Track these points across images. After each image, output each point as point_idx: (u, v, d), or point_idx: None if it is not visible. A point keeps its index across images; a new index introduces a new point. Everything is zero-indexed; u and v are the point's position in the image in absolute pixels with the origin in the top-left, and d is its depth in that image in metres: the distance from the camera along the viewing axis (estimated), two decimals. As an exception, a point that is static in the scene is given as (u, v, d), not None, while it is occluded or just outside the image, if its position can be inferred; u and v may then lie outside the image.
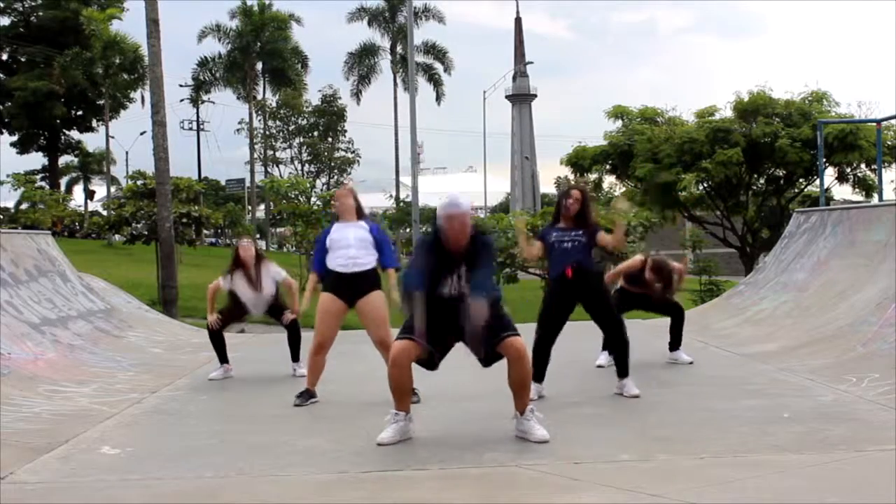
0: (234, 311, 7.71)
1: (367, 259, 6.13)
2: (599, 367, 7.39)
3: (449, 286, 4.81)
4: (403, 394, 4.91)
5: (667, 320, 7.80)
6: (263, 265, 7.53)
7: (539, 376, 6.01)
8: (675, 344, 7.69)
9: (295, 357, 7.61)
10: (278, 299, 7.67)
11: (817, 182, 20.14)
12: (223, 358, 7.59)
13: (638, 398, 5.99)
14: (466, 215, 4.83)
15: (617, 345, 6.21)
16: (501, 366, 4.89)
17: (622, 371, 6.17)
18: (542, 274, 6.45)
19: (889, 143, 22.85)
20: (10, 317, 7.53)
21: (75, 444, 5.01)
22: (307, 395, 6.21)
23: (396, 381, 4.84)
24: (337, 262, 6.13)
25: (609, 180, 28.42)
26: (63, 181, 58.12)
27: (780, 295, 9.86)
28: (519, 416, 4.87)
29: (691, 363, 7.51)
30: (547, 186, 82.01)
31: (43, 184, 49.61)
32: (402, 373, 4.83)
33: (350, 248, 6.11)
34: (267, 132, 46.17)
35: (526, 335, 5.95)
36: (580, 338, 8.34)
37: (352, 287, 6.09)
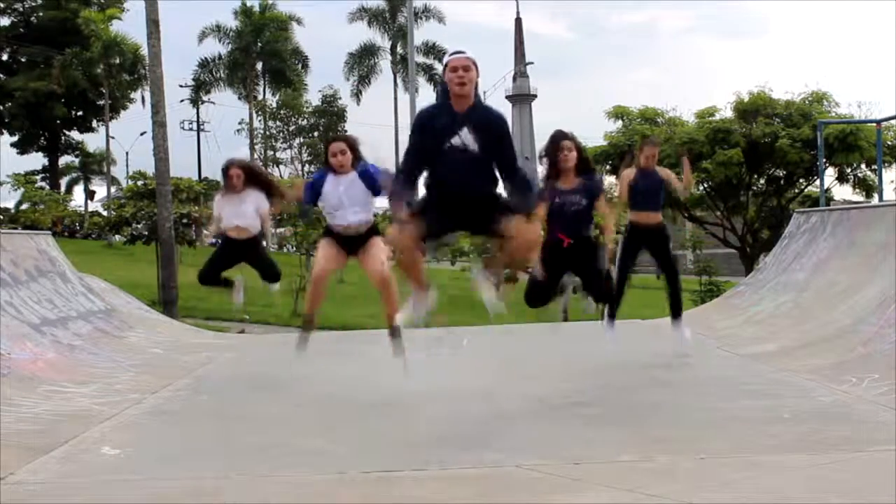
0: (223, 254, 7.75)
1: (363, 217, 6.35)
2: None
3: (454, 143, 4.79)
4: (416, 271, 4.95)
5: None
6: (251, 188, 7.69)
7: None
8: (675, 312, 7.64)
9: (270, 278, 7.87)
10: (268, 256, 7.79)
11: (817, 182, 20.15)
12: (226, 282, 7.68)
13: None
14: (471, 62, 4.81)
15: (603, 299, 6.33)
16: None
17: (611, 313, 6.33)
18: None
19: (889, 143, 22.88)
20: (10, 317, 7.52)
21: (75, 444, 5.01)
22: (309, 324, 6.48)
23: (405, 265, 4.92)
24: (334, 221, 6.38)
25: (609, 180, 28.45)
26: (63, 181, 58.08)
27: (780, 295, 9.85)
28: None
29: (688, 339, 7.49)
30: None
31: (43, 184, 49.56)
32: (409, 255, 4.89)
33: (345, 209, 6.30)
34: (267, 132, 46.14)
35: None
36: (580, 338, 8.35)
37: (352, 242, 6.38)
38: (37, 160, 54.58)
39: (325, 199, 6.38)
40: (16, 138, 50.73)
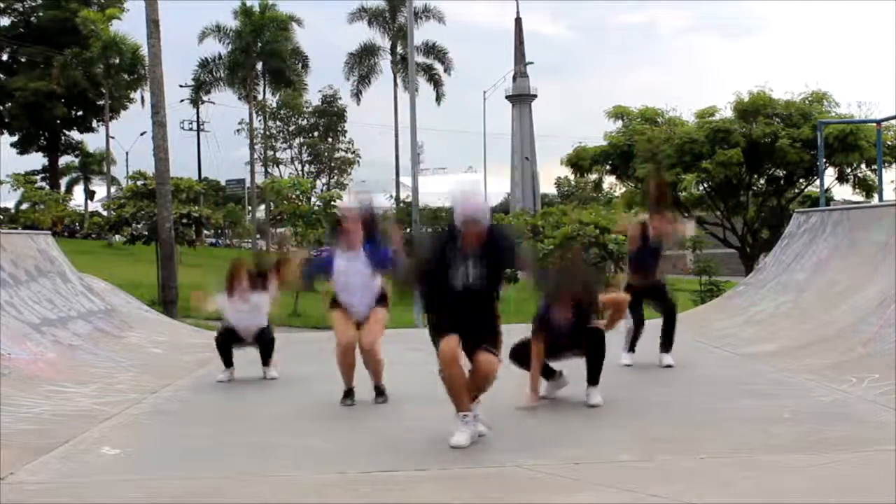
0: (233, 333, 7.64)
1: (367, 303, 6.19)
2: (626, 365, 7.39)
3: (459, 278, 4.77)
4: (460, 393, 4.80)
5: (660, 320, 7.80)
6: (258, 286, 7.44)
7: (548, 375, 6.08)
8: (666, 347, 7.61)
9: (266, 361, 7.57)
10: (266, 329, 7.61)
11: (817, 182, 20.16)
12: (229, 363, 7.50)
13: (600, 406, 5.77)
14: (482, 207, 4.80)
15: (593, 354, 5.93)
16: (500, 365, 4.88)
17: (592, 379, 5.93)
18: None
19: (889, 143, 22.89)
20: (10, 317, 7.52)
21: (75, 444, 5.01)
22: (350, 396, 6.19)
23: (449, 381, 4.77)
24: (340, 298, 6.19)
25: (609, 180, 28.49)
26: (63, 181, 57.99)
27: (780, 295, 9.86)
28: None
29: (671, 366, 7.46)
30: (547, 187, 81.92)
31: (43, 184, 49.58)
32: (454, 371, 4.75)
33: (351, 293, 6.14)
34: (267, 132, 46.13)
35: (521, 335, 5.96)
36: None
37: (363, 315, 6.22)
38: (37, 160, 54.57)
39: (335, 278, 6.20)
40: (16, 138, 50.69)
